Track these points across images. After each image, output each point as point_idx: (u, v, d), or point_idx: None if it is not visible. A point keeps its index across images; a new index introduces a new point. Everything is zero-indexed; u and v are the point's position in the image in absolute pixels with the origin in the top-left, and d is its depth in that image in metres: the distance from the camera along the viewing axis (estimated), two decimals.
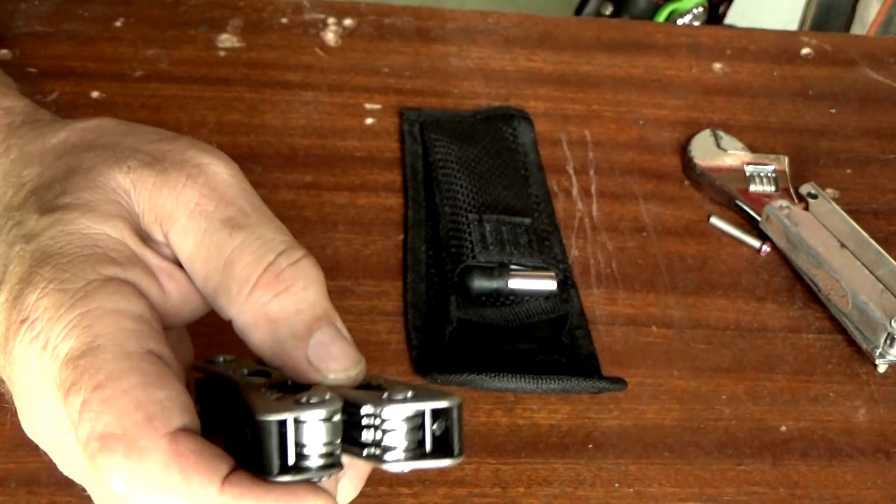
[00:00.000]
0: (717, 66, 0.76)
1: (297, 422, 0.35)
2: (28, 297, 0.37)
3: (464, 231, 0.61)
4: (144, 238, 0.40)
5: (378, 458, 0.36)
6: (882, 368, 0.61)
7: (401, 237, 0.62)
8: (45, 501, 0.50)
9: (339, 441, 0.36)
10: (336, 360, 0.38)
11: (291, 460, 0.35)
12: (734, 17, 1.15)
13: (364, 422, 0.36)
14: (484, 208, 0.62)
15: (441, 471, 0.54)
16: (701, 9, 1.06)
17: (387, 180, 0.65)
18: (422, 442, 0.36)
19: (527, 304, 0.59)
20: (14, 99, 0.46)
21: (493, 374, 0.55)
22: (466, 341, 0.58)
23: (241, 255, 0.39)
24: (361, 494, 0.52)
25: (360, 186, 0.64)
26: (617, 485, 0.55)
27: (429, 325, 0.59)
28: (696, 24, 1.05)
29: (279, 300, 0.38)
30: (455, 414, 0.36)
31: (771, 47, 0.78)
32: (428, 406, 0.36)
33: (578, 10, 1.00)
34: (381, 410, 0.36)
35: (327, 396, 0.36)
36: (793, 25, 1.46)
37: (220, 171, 0.40)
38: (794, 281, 0.64)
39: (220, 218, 0.39)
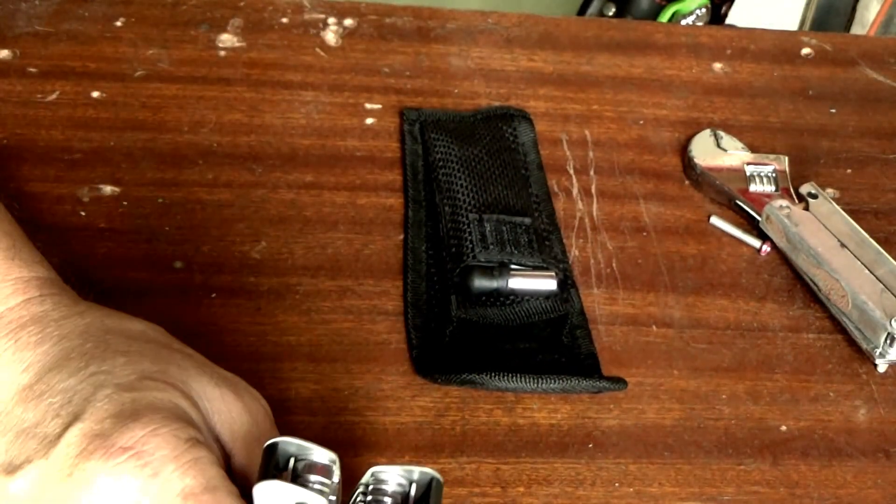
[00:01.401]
0: (718, 65, 0.76)
1: (297, 454, 0.42)
2: (135, 430, 0.42)
3: (464, 231, 0.61)
4: (210, 431, 0.46)
5: None
6: (882, 368, 0.61)
7: (401, 237, 0.62)
8: None
9: (333, 487, 0.41)
10: None
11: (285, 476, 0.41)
12: (735, 17, 1.15)
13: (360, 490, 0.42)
14: (484, 208, 0.62)
15: (441, 470, 0.54)
16: (704, 10, 1.06)
17: (387, 180, 0.65)
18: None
19: (527, 303, 0.59)
20: (50, 270, 0.50)
21: (493, 374, 0.55)
22: (467, 341, 0.58)
23: None
24: None
25: (360, 186, 0.64)
26: (617, 484, 0.55)
27: (429, 324, 0.59)
28: (700, 24, 1.05)
29: None
30: (436, 486, 0.42)
31: (771, 47, 0.78)
32: (413, 476, 0.42)
33: (581, 11, 1.01)
34: (374, 475, 0.42)
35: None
36: (793, 25, 1.46)
37: (265, 406, 0.48)
38: (794, 281, 0.64)
39: (260, 437, 0.46)
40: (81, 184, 0.61)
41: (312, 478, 0.41)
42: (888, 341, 0.59)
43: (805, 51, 0.78)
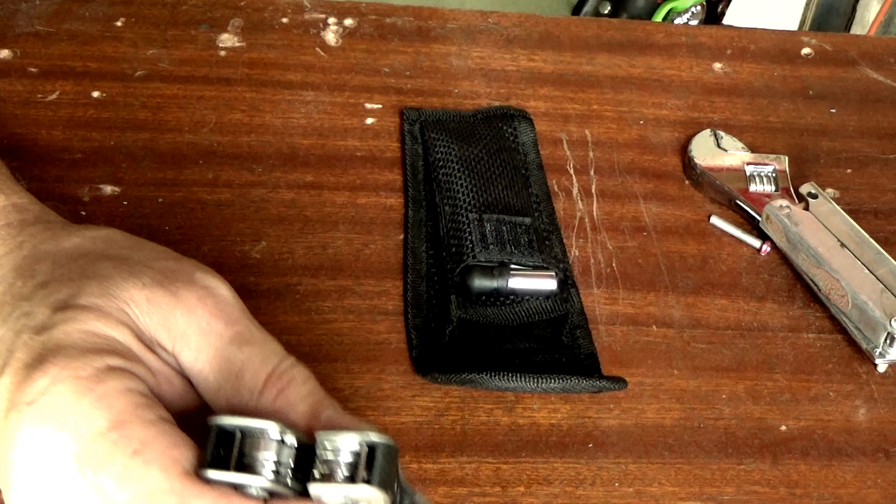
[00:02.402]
0: (718, 65, 0.76)
1: (244, 433, 0.40)
2: (38, 381, 0.40)
3: (464, 230, 0.61)
4: (148, 345, 0.44)
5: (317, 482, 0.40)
6: (882, 368, 0.61)
7: (401, 237, 0.62)
8: None
9: (287, 465, 0.40)
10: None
11: (230, 465, 0.40)
12: (734, 17, 1.15)
13: (318, 456, 0.41)
14: (484, 208, 0.62)
15: (441, 470, 0.54)
16: (699, 7, 1.06)
17: (387, 180, 0.65)
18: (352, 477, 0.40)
19: (527, 303, 0.60)
20: (22, 196, 0.50)
21: (493, 374, 0.55)
22: (466, 341, 0.58)
23: (250, 366, 0.44)
24: None
25: (360, 186, 0.64)
26: (617, 484, 0.55)
27: (429, 324, 0.59)
28: (694, 23, 1.05)
29: (283, 395, 0.43)
30: (382, 451, 0.40)
31: (771, 47, 0.78)
32: (364, 439, 0.40)
33: (576, 10, 1.00)
34: (326, 440, 0.41)
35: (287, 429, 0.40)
36: (793, 25, 1.46)
37: (224, 293, 0.45)
38: (794, 281, 0.64)
39: (229, 336, 0.44)
40: (82, 183, 0.61)
41: (258, 454, 0.40)
42: (888, 341, 0.59)
43: (805, 51, 0.78)
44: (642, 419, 0.57)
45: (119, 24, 0.70)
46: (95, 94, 0.66)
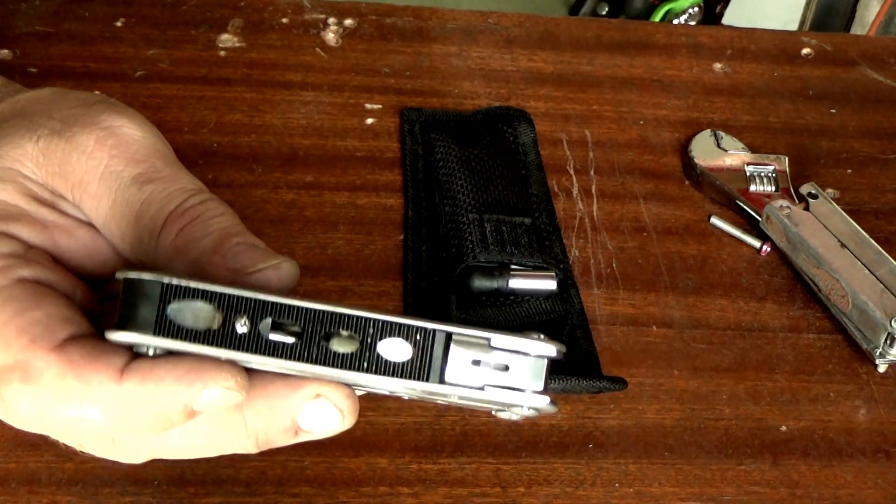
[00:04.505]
0: (718, 66, 0.76)
1: (162, 287, 0.35)
2: None
3: (464, 231, 0.61)
4: (43, 201, 0.40)
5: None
6: (882, 368, 0.61)
7: (401, 237, 0.62)
8: (46, 501, 0.50)
9: (215, 319, 0.36)
10: (251, 260, 0.38)
11: (148, 324, 0.35)
12: (734, 17, 1.15)
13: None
14: (484, 208, 0.62)
15: (441, 470, 0.54)
16: (697, 8, 1.06)
17: (387, 180, 0.65)
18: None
19: (527, 304, 0.60)
20: None
21: None
22: None
23: (150, 206, 0.39)
24: (361, 494, 0.53)
25: (360, 186, 0.64)
26: (617, 484, 0.55)
27: None
28: (692, 23, 1.05)
29: (185, 231, 0.39)
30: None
31: (771, 47, 0.78)
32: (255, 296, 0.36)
33: (574, 11, 1.00)
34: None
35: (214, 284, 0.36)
36: (793, 25, 1.46)
37: (132, 132, 0.41)
38: (794, 281, 0.64)
39: (130, 176, 0.40)
40: None
41: (185, 316, 0.35)
42: (888, 341, 0.59)
43: (805, 51, 0.78)
44: (642, 419, 0.57)
45: (119, 24, 0.70)
46: (95, 94, 0.66)
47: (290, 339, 0.36)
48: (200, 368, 0.36)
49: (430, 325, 0.38)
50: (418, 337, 0.37)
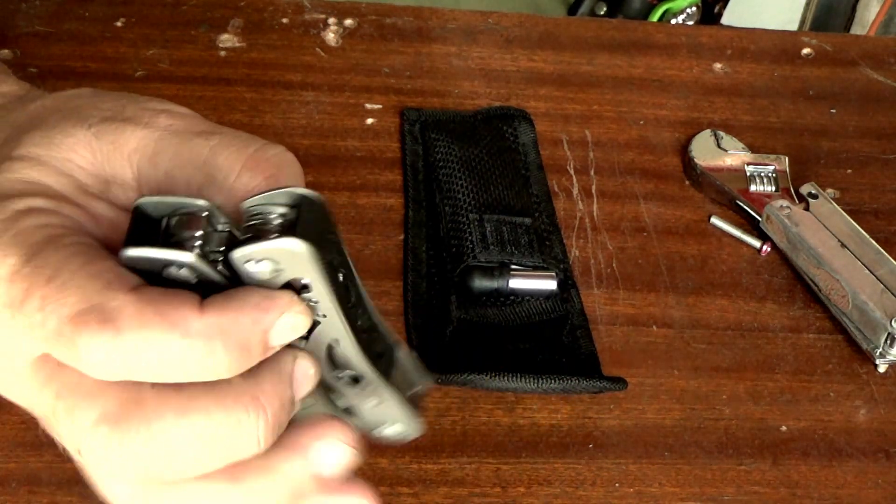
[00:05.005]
0: (718, 66, 0.76)
1: (173, 212, 0.36)
2: None
3: (464, 231, 0.61)
4: (95, 194, 0.41)
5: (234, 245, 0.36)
6: (882, 368, 0.61)
7: (401, 237, 0.62)
8: (46, 501, 0.50)
9: (215, 247, 0.36)
10: None
11: (155, 241, 0.36)
12: (734, 17, 1.15)
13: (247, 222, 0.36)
14: (484, 208, 0.62)
15: (441, 470, 0.54)
16: (694, 8, 1.06)
17: (387, 180, 0.65)
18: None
19: (527, 303, 0.60)
20: (12, 84, 0.47)
21: (493, 374, 0.55)
22: (467, 341, 0.58)
23: (222, 150, 0.40)
24: None
25: (360, 186, 0.64)
26: (617, 484, 0.55)
27: (429, 324, 0.59)
28: (690, 23, 1.05)
29: (273, 180, 0.39)
30: (306, 203, 0.37)
31: (771, 47, 0.78)
32: (284, 191, 0.37)
33: (572, 11, 1.00)
34: (247, 204, 0.36)
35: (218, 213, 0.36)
36: (793, 25, 1.46)
37: (183, 109, 0.42)
38: (794, 281, 0.64)
39: (193, 132, 0.41)
40: None
41: (185, 233, 0.36)
42: (888, 341, 0.59)
43: (805, 51, 0.78)
44: (642, 419, 0.57)
45: (119, 24, 0.70)
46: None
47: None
48: (274, 296, 0.36)
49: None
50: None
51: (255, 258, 0.35)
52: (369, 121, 0.68)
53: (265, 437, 0.37)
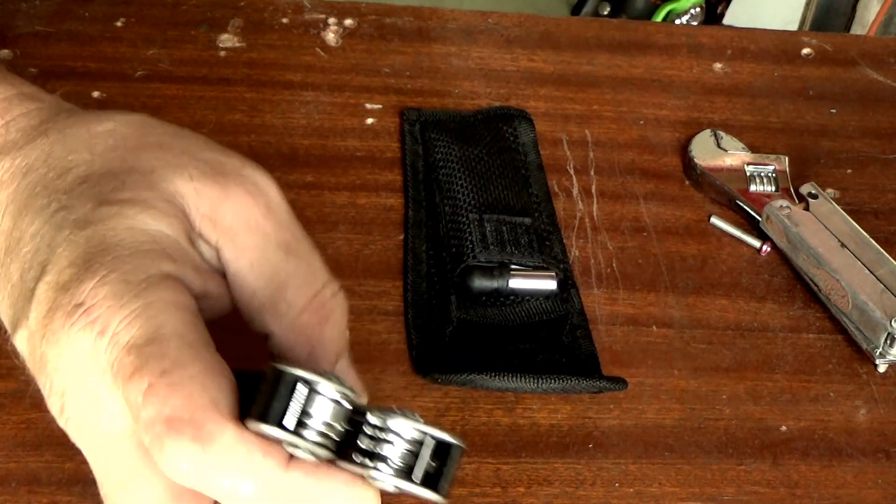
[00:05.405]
0: (718, 66, 0.76)
1: (310, 389, 0.36)
2: (85, 282, 0.38)
3: (464, 231, 0.61)
4: (192, 241, 0.42)
5: (366, 467, 0.37)
6: (882, 368, 0.61)
7: (401, 237, 0.62)
8: (46, 501, 0.50)
9: (339, 429, 0.37)
10: (357, 386, 0.42)
11: (292, 422, 0.36)
12: (735, 17, 1.15)
13: (367, 430, 0.37)
14: (484, 208, 0.62)
15: None
16: (698, 9, 1.07)
17: (387, 180, 0.65)
18: (412, 468, 0.37)
19: (527, 303, 0.60)
20: (30, 86, 0.47)
21: (493, 374, 0.55)
22: (466, 341, 0.58)
23: (294, 280, 0.42)
24: None
25: (360, 186, 0.64)
26: (617, 484, 0.55)
27: (429, 324, 0.59)
28: (694, 24, 1.05)
29: (322, 327, 0.42)
30: (456, 454, 0.37)
31: (771, 47, 0.78)
32: (434, 433, 0.37)
33: (575, 11, 1.01)
34: (388, 422, 0.37)
35: (345, 384, 0.37)
36: (793, 25, 1.46)
37: (275, 194, 0.43)
38: (794, 281, 0.64)
39: (277, 241, 0.42)
40: None
41: (313, 420, 0.36)
42: (888, 341, 0.59)
43: (805, 51, 0.78)
44: (642, 419, 0.57)
45: (119, 24, 0.70)
46: (95, 94, 0.66)
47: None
48: (356, 480, 0.37)
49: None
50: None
51: (391, 484, 0.37)
52: (369, 121, 0.68)
53: None
